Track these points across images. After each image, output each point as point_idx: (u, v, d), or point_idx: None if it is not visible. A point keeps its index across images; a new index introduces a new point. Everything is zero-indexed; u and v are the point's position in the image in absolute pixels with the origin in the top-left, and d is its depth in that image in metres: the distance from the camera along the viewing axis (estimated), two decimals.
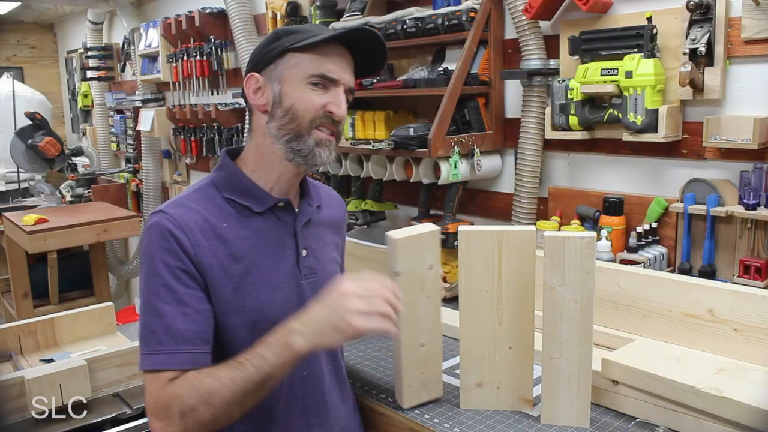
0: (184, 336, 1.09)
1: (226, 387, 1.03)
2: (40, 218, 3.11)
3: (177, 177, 4.23)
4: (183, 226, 1.13)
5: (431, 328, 1.33)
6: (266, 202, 1.21)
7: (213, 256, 1.14)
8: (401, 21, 2.20)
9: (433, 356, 1.35)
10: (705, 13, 1.59)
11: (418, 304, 1.31)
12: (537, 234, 1.31)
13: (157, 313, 1.09)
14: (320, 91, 1.17)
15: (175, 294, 1.10)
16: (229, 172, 1.23)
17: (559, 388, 1.25)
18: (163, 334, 1.08)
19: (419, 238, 1.29)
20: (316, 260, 1.26)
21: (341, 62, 1.19)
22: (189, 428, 1.04)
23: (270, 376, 1.05)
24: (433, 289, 1.32)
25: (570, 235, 1.20)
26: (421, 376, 1.34)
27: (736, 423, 1.13)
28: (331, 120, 1.18)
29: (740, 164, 1.62)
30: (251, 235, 1.19)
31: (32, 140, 4.06)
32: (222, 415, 1.05)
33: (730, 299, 1.32)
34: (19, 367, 1.78)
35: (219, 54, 3.40)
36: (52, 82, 6.43)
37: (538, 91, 1.99)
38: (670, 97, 1.70)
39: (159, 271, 1.11)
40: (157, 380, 1.07)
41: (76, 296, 3.61)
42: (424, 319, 1.32)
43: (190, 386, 1.05)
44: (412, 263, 1.28)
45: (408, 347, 1.32)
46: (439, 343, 1.36)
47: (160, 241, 1.12)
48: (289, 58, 1.17)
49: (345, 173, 2.38)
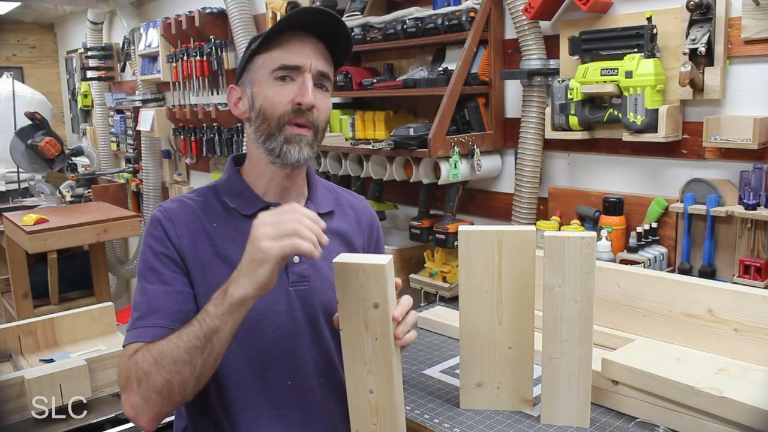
0: (162, 312, 1.13)
1: (173, 345, 1.03)
2: (40, 218, 3.11)
3: (177, 177, 4.23)
4: (172, 218, 1.20)
5: (380, 373, 1.10)
6: (255, 205, 1.22)
7: (194, 249, 1.18)
8: (401, 21, 2.20)
9: (387, 408, 1.12)
10: (705, 13, 1.59)
11: (362, 342, 1.10)
12: (537, 234, 1.31)
13: (143, 292, 1.16)
14: (286, 84, 1.17)
15: (160, 276, 1.16)
16: (228, 176, 1.27)
17: (559, 388, 1.25)
18: (144, 310, 1.14)
19: (359, 269, 1.06)
20: (311, 268, 1.23)
21: (304, 49, 1.17)
22: (146, 396, 1.03)
23: (214, 329, 1.02)
24: (381, 331, 1.08)
25: (570, 235, 1.20)
26: (372, 426, 1.14)
27: (736, 423, 1.13)
28: (301, 111, 1.17)
29: (740, 164, 1.62)
30: (239, 237, 1.17)
31: (32, 140, 4.06)
32: (173, 377, 1.02)
33: (730, 299, 1.32)
34: (19, 367, 1.78)
35: (219, 54, 3.40)
36: (52, 82, 6.43)
37: (538, 91, 1.99)
38: (670, 97, 1.70)
39: (147, 255, 1.18)
40: (125, 353, 1.11)
41: (76, 296, 3.60)
42: (371, 361, 1.10)
43: (145, 352, 1.06)
44: (352, 296, 1.08)
45: (354, 389, 1.13)
46: (392, 393, 1.11)
47: (151, 230, 1.20)
48: (255, 61, 1.20)
49: (345, 173, 2.39)
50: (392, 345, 1.09)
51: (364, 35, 2.31)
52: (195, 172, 4.10)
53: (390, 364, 1.10)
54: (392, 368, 1.10)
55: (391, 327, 1.08)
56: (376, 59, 2.53)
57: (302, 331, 1.21)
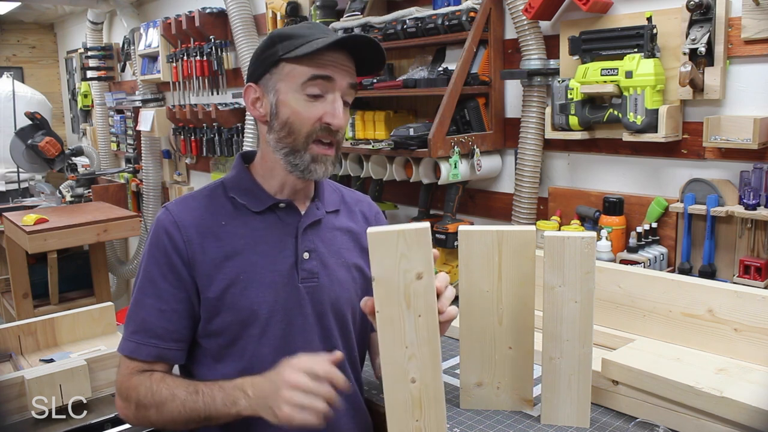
0: (155, 332, 1.17)
1: (175, 407, 1.12)
2: (40, 218, 3.11)
3: (177, 177, 4.23)
4: (179, 222, 1.18)
5: (424, 357, 1.00)
6: (265, 202, 1.22)
7: (204, 253, 1.18)
8: (401, 21, 2.20)
9: (431, 399, 1.02)
10: (705, 13, 1.59)
11: (403, 323, 1.00)
12: (537, 234, 1.31)
13: (138, 305, 1.19)
14: (316, 102, 1.16)
15: (157, 290, 1.17)
16: (237, 173, 1.26)
17: (559, 388, 1.25)
18: (138, 326, 1.18)
19: (399, 236, 0.97)
20: (321, 265, 1.23)
21: (337, 65, 1.16)
22: (139, 418, 1.17)
23: (214, 418, 1.11)
24: (425, 306, 1.00)
25: (570, 235, 1.20)
26: (414, 423, 1.03)
27: (736, 423, 1.13)
28: (328, 131, 1.17)
29: (740, 164, 1.62)
30: (248, 234, 1.20)
31: (32, 140, 4.06)
32: (167, 424, 1.15)
33: (730, 299, 1.32)
34: (19, 367, 1.78)
35: (219, 54, 3.40)
36: (52, 82, 6.43)
37: (538, 91, 1.99)
38: (670, 97, 1.70)
39: (148, 265, 1.19)
40: (126, 366, 1.19)
41: (76, 296, 3.60)
42: (413, 344, 1.00)
43: (148, 389, 1.14)
44: (391, 269, 0.98)
45: (393, 380, 1.02)
46: (437, 380, 1.02)
47: (155, 238, 1.19)
48: (282, 67, 1.17)
49: (345, 173, 2.39)
50: (437, 321, 1.00)
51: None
52: (195, 172, 4.10)
53: (435, 345, 1.00)
54: (437, 350, 1.01)
55: (435, 300, 0.99)
56: None
57: (311, 328, 1.22)
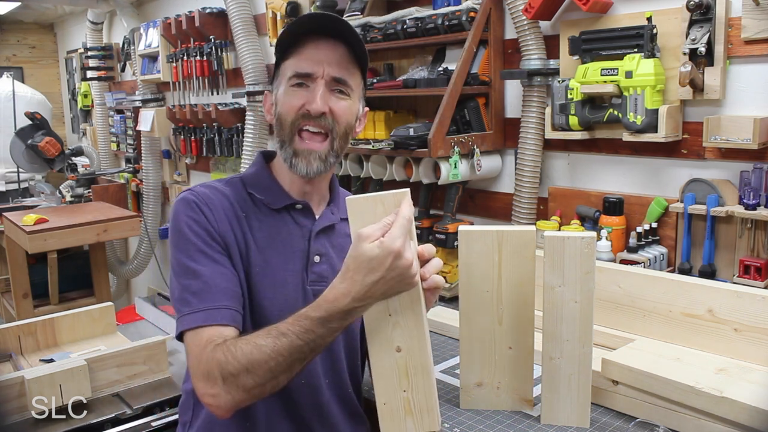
0: (225, 293, 1.11)
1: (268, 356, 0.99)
2: (40, 218, 3.11)
3: (177, 177, 4.23)
4: (207, 202, 1.17)
5: (409, 325, 1.00)
6: (282, 200, 1.23)
7: (232, 235, 1.17)
8: (401, 21, 2.20)
9: (418, 367, 1.01)
10: (705, 13, 1.59)
11: None
12: (537, 234, 1.31)
13: (196, 274, 1.11)
14: (299, 90, 1.17)
15: (210, 257, 1.13)
16: (256, 170, 1.27)
17: (559, 388, 1.25)
18: (204, 292, 1.10)
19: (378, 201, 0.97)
20: (331, 269, 1.23)
21: (317, 55, 1.16)
22: (232, 392, 1.02)
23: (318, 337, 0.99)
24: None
25: (570, 235, 1.20)
26: (402, 394, 1.02)
27: (736, 423, 1.13)
28: (310, 118, 1.16)
29: (740, 164, 1.62)
30: (265, 229, 1.21)
31: (32, 140, 4.06)
32: (268, 382, 1.01)
33: (730, 299, 1.32)
34: (19, 367, 1.78)
35: (219, 54, 3.40)
36: (52, 82, 6.42)
37: (538, 91, 1.99)
38: (670, 97, 1.70)
39: (190, 237, 1.14)
40: (198, 341, 1.06)
41: (76, 296, 3.60)
42: (397, 312, 1.00)
43: (229, 353, 1.01)
44: None
45: (377, 351, 1.02)
46: (423, 348, 1.01)
47: (188, 211, 1.16)
48: (281, 69, 1.21)
49: (345, 173, 2.39)
50: (420, 289, 0.99)
51: (364, 35, 2.31)
52: (195, 172, 4.10)
53: (419, 313, 1.00)
54: (422, 317, 1.00)
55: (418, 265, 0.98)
56: (376, 59, 2.53)
57: None
